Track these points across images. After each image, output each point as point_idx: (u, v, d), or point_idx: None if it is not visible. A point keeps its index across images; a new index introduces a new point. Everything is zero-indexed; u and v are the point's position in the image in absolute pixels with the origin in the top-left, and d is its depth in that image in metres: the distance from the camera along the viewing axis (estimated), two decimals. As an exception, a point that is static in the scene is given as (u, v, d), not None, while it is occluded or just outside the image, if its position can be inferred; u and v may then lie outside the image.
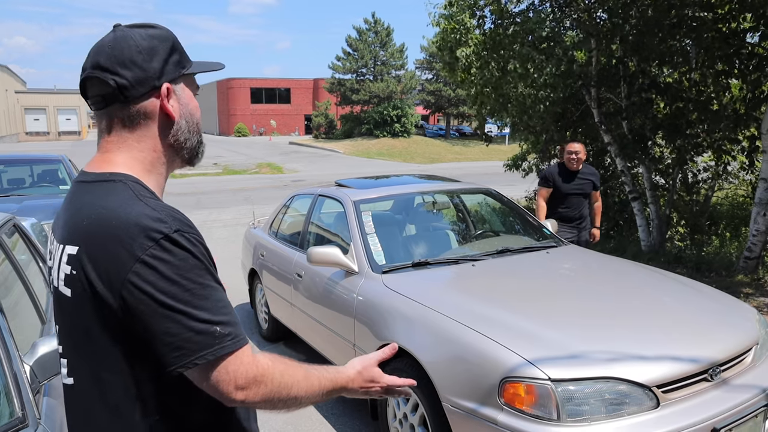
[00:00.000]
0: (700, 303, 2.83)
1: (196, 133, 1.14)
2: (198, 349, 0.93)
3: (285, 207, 4.80)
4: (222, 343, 0.95)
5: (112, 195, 0.99)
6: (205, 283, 0.96)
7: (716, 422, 2.11)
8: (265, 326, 4.84)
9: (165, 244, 0.93)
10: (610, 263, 3.48)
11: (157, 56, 1.04)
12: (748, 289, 5.81)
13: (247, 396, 0.97)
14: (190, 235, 0.97)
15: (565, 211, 4.98)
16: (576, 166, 4.91)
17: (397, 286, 2.94)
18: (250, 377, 0.97)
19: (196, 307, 0.94)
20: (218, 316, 0.96)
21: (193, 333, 0.93)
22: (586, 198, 5.04)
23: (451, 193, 4.31)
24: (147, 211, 0.96)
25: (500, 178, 11.93)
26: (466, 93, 9.83)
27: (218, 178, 20.32)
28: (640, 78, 7.31)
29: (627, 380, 2.09)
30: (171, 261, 0.93)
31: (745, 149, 7.19)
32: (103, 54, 1.02)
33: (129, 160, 1.06)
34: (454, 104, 41.07)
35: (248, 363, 0.98)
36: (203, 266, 0.97)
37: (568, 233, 4.92)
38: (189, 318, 0.93)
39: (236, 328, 0.98)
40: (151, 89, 1.04)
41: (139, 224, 0.94)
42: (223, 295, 1.00)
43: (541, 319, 2.49)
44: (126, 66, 1.01)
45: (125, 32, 1.04)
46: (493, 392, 2.15)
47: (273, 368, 1.01)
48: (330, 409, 3.56)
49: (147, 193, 1.02)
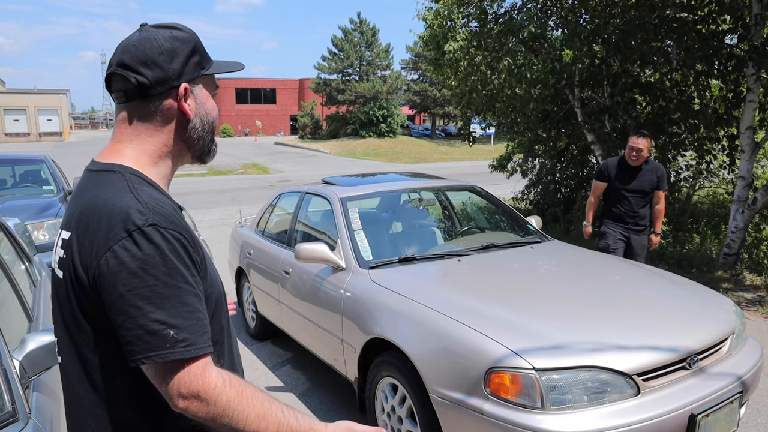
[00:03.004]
0: (678, 295, 2.91)
1: (209, 132, 1.19)
2: (147, 348, 0.93)
3: (272, 205, 4.82)
4: (173, 348, 0.93)
5: (107, 185, 1.04)
6: (171, 283, 0.95)
7: (694, 408, 2.17)
8: (252, 325, 4.85)
9: (136, 237, 0.95)
10: (593, 258, 3.55)
11: (177, 57, 1.09)
12: (727, 284, 5.94)
13: (188, 408, 0.95)
14: (167, 231, 0.98)
15: (617, 210, 4.51)
16: (637, 162, 4.40)
17: (384, 281, 2.97)
18: (193, 390, 0.95)
19: (153, 305, 0.93)
20: (176, 319, 0.95)
21: (144, 331, 0.93)
22: (645, 197, 4.45)
23: (436, 190, 4.35)
24: (131, 203, 0.99)
25: (485, 178, 12.01)
26: (452, 93, 9.89)
27: (203, 178, 20.20)
28: (623, 78, 7.42)
29: (609, 369, 2.15)
30: (137, 254, 0.94)
31: (725, 148, 7.34)
32: (128, 53, 1.07)
33: (137, 152, 1.11)
34: (440, 104, 41.23)
35: (196, 375, 0.96)
36: (174, 265, 0.96)
37: (615, 233, 4.50)
38: (143, 315, 0.93)
39: (195, 335, 0.96)
40: (170, 88, 1.09)
41: (119, 215, 0.97)
42: (191, 299, 0.97)
43: (526, 312, 2.54)
44: (148, 66, 1.06)
45: (150, 33, 1.09)
46: (479, 382, 2.20)
47: (222, 391, 0.98)
48: (318, 403, 3.59)
49: (143, 185, 1.05)
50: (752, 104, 6.24)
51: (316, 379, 3.95)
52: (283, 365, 4.24)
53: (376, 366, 2.79)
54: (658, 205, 4.52)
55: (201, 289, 1.02)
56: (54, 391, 2.14)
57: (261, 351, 4.53)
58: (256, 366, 4.22)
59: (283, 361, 4.33)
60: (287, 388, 3.83)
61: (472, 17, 7.91)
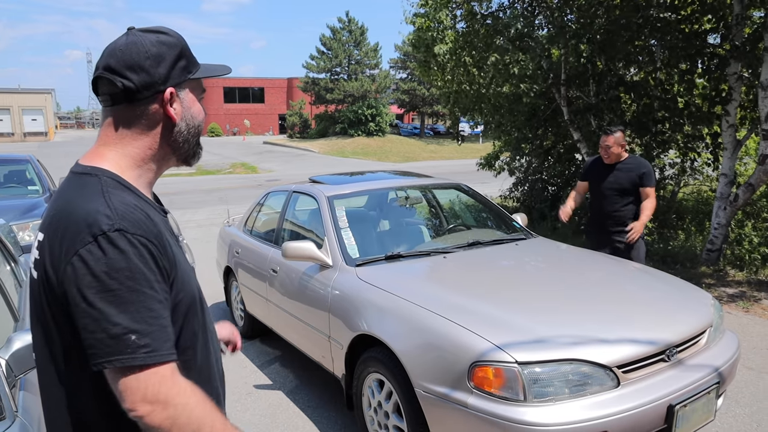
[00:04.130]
0: (658, 289, 2.97)
1: (195, 136, 1.20)
2: (109, 353, 0.93)
3: (259, 204, 4.83)
4: (135, 353, 0.94)
5: (82, 188, 1.05)
6: (135, 288, 0.95)
7: (672, 399, 2.23)
8: (241, 323, 4.86)
9: (101, 241, 0.95)
10: (576, 254, 3.60)
11: (164, 62, 1.10)
12: (710, 279, 6.04)
13: (150, 413, 0.95)
14: (133, 236, 0.98)
15: (598, 211, 4.33)
16: (610, 160, 4.25)
17: (370, 278, 3.00)
18: (161, 396, 0.95)
19: (116, 310, 0.94)
20: (138, 324, 0.95)
21: (106, 335, 0.93)
22: (625, 196, 4.21)
23: (423, 188, 4.39)
24: (101, 208, 0.99)
25: (474, 177, 12.09)
26: (440, 92, 9.94)
27: (191, 178, 20.11)
28: (608, 77, 7.50)
29: (589, 362, 2.20)
30: (101, 259, 0.95)
31: (708, 146, 7.45)
32: (115, 57, 1.08)
33: (119, 155, 1.12)
34: (429, 103, 41.31)
35: (162, 379, 0.96)
36: (139, 270, 0.96)
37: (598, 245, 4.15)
38: (105, 319, 0.93)
39: (158, 341, 0.96)
40: (156, 93, 1.10)
41: (87, 219, 0.98)
42: (155, 305, 0.98)
43: (509, 307, 2.58)
44: (134, 70, 1.07)
45: (137, 37, 1.10)
46: (464, 376, 2.24)
47: (188, 395, 0.99)
48: (307, 401, 3.61)
49: (119, 189, 1.06)
50: (734, 102, 6.35)
51: (304, 377, 3.98)
52: (272, 363, 4.26)
53: (362, 362, 2.82)
54: (646, 200, 4.20)
55: (167, 296, 1.02)
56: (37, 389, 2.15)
57: (249, 349, 4.54)
58: (244, 365, 4.24)
59: (272, 359, 4.35)
60: (275, 386, 3.85)
61: (460, 18, 7.97)
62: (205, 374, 1.18)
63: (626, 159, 4.28)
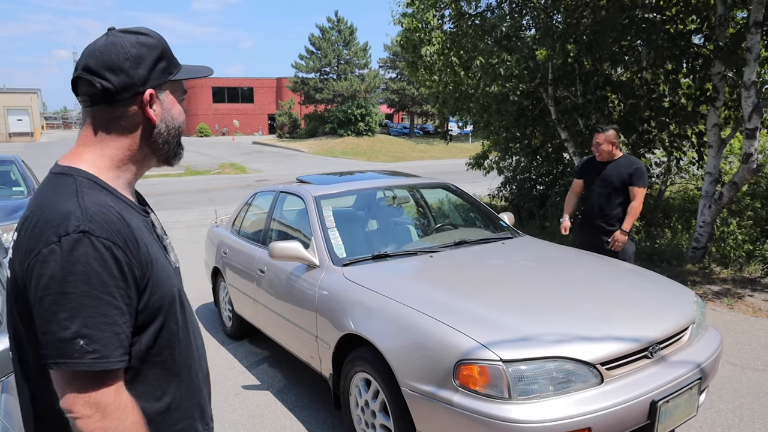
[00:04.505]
0: (642, 286, 3.01)
1: (175, 137, 1.20)
2: (57, 354, 0.94)
3: (247, 204, 4.82)
4: (81, 358, 0.94)
5: (57, 188, 1.05)
6: (90, 293, 0.95)
7: (655, 395, 2.26)
8: (229, 324, 4.85)
9: (63, 242, 0.95)
10: (560, 252, 3.63)
11: (143, 64, 1.10)
12: (696, 277, 6.10)
13: (86, 417, 0.95)
14: (98, 239, 0.97)
15: (589, 209, 4.36)
16: (602, 157, 4.28)
17: (357, 277, 3.01)
18: (101, 404, 0.96)
19: (67, 313, 0.94)
20: (88, 329, 0.94)
21: (55, 337, 0.94)
22: (615, 194, 4.21)
23: (410, 187, 4.40)
24: (72, 208, 0.99)
25: (463, 176, 12.12)
26: (428, 92, 9.97)
27: (180, 179, 19.99)
28: (595, 77, 7.56)
29: (573, 359, 2.22)
30: (59, 261, 0.95)
31: (694, 145, 7.53)
32: (94, 57, 1.08)
33: (98, 156, 1.12)
34: (418, 103, 41.36)
35: (106, 388, 0.96)
36: (97, 275, 0.96)
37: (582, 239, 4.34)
38: (56, 321, 0.94)
39: (107, 348, 0.96)
40: (135, 94, 1.10)
41: (55, 219, 0.98)
42: (111, 311, 0.97)
43: (495, 305, 2.60)
44: (113, 71, 1.07)
45: (117, 38, 1.10)
46: (449, 375, 2.25)
47: (127, 412, 0.99)
48: (295, 401, 3.61)
49: (94, 190, 1.06)
50: (718, 102, 6.42)
51: (292, 377, 3.97)
52: (260, 364, 4.25)
53: (349, 362, 2.83)
54: (633, 202, 4.18)
55: (129, 302, 1.01)
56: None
57: (237, 350, 4.53)
58: (232, 365, 4.23)
59: (260, 359, 4.34)
60: (264, 387, 3.85)
61: (448, 18, 8.00)
62: (186, 374, 1.18)
63: (619, 158, 4.29)
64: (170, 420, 1.14)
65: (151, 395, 1.10)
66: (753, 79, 5.72)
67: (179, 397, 1.16)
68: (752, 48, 5.65)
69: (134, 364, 1.06)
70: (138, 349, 1.06)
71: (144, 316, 1.06)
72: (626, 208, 4.22)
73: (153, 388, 1.11)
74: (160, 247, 1.19)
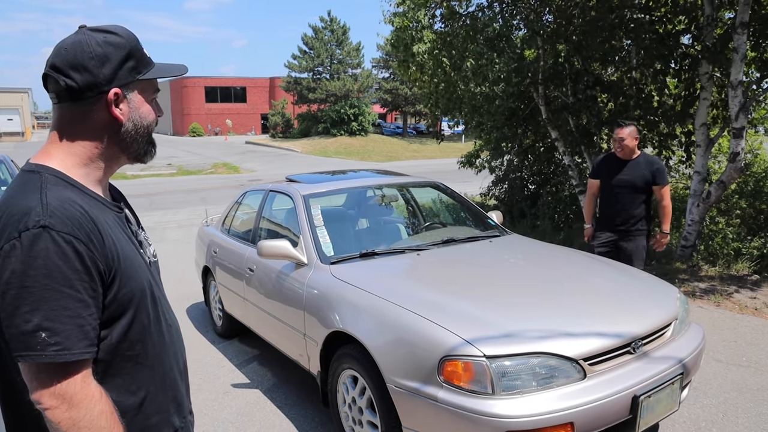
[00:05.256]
0: (625, 283, 3.04)
1: (144, 136, 1.20)
2: (21, 348, 0.96)
3: (237, 204, 4.82)
4: (44, 350, 0.95)
5: (23, 185, 1.07)
6: (51, 286, 0.96)
7: (637, 390, 2.29)
8: (219, 323, 4.85)
9: (23, 237, 0.97)
10: (546, 250, 3.66)
11: (108, 63, 1.11)
12: (684, 275, 6.16)
13: (54, 408, 0.97)
14: (59, 234, 0.98)
15: (608, 210, 4.27)
16: (625, 154, 4.16)
17: (344, 275, 3.03)
18: (67, 395, 0.98)
19: (28, 307, 0.95)
20: (50, 322, 0.96)
21: (18, 331, 0.96)
22: (636, 193, 4.15)
23: (399, 186, 4.42)
24: (33, 204, 1.00)
25: (456, 175, 12.17)
26: (420, 92, 10.00)
27: (172, 178, 19.93)
28: (585, 76, 7.61)
29: (557, 355, 2.25)
30: (20, 255, 0.96)
31: (682, 144, 7.60)
32: (60, 56, 1.10)
33: (65, 153, 1.13)
34: (411, 102, 41.40)
35: (71, 379, 0.98)
36: (58, 268, 0.97)
37: (601, 239, 4.29)
38: (19, 315, 0.96)
39: (70, 340, 0.97)
40: (100, 93, 1.11)
41: (16, 215, 1.00)
42: (73, 304, 0.98)
43: (480, 302, 2.62)
44: (77, 70, 1.08)
45: (84, 36, 1.11)
46: (434, 371, 2.27)
47: (95, 402, 1.00)
48: (284, 399, 3.62)
49: (60, 186, 1.07)
50: (706, 102, 6.48)
51: (281, 375, 3.99)
52: (250, 362, 4.26)
53: (337, 359, 2.85)
54: (662, 202, 4.16)
55: (93, 294, 1.02)
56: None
57: (228, 349, 4.54)
58: (222, 364, 4.23)
59: (250, 358, 4.35)
60: (253, 385, 3.86)
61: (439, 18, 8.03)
62: (159, 368, 1.19)
63: (638, 156, 4.22)
64: (145, 413, 1.16)
65: (126, 389, 1.12)
66: (740, 79, 5.78)
67: (154, 390, 1.17)
68: (739, 48, 5.71)
69: (106, 357, 1.07)
70: (109, 342, 1.08)
71: (113, 309, 1.07)
72: (648, 207, 4.21)
73: (127, 382, 1.12)
74: (134, 242, 1.20)
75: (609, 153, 4.40)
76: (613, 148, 4.30)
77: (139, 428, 1.14)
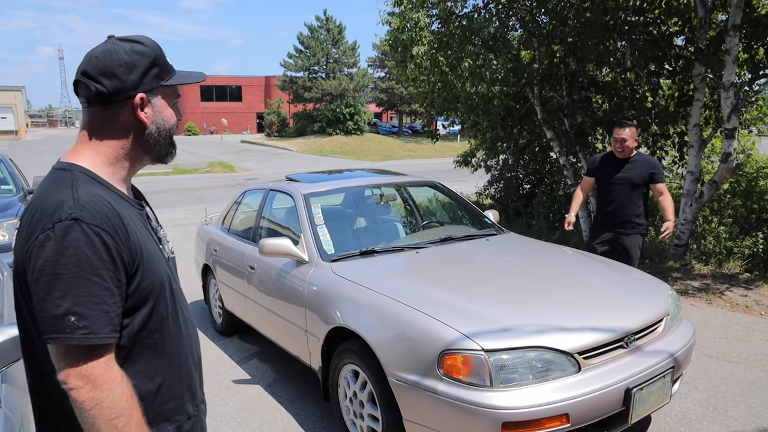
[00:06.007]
0: (619, 281, 3.13)
1: (166, 138, 1.30)
2: (51, 330, 1.03)
3: (237, 203, 4.88)
4: (73, 333, 1.03)
5: (56, 181, 1.16)
6: (81, 274, 1.04)
7: (629, 383, 2.37)
8: (219, 321, 4.91)
9: (57, 228, 1.05)
10: (542, 248, 3.74)
11: (135, 70, 1.20)
12: (677, 273, 6.26)
13: (78, 388, 1.04)
14: (89, 226, 1.06)
15: (603, 206, 4.38)
16: (624, 154, 4.28)
17: (345, 273, 3.10)
18: (92, 376, 1.04)
19: (60, 292, 1.03)
20: (79, 307, 1.03)
21: (49, 315, 1.03)
22: (634, 191, 4.24)
23: (398, 186, 4.49)
24: (65, 198, 1.09)
25: (451, 175, 12.24)
26: (416, 91, 10.06)
27: (168, 177, 19.93)
28: (580, 77, 7.70)
29: (552, 349, 2.32)
30: (53, 245, 1.04)
31: (675, 144, 7.70)
32: (91, 63, 1.19)
33: (94, 153, 1.22)
34: (407, 102, 41.48)
35: (96, 361, 1.05)
36: (87, 258, 1.05)
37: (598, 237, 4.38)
38: (50, 300, 1.03)
39: (96, 325, 1.04)
40: (127, 98, 1.20)
41: (50, 208, 1.08)
42: (100, 291, 1.06)
43: (478, 299, 2.70)
44: (107, 76, 1.18)
45: (113, 45, 1.20)
46: (433, 365, 2.34)
47: (116, 384, 1.07)
48: (285, 394, 3.69)
49: (89, 183, 1.16)
50: (699, 103, 6.58)
51: (282, 371, 4.05)
52: (250, 359, 4.32)
53: (338, 354, 2.92)
54: (662, 196, 4.28)
55: (118, 284, 1.09)
56: (20, 382, 2.20)
57: (228, 346, 4.60)
58: (223, 361, 4.29)
59: (250, 354, 4.41)
60: (254, 381, 3.92)
61: (436, 18, 8.09)
62: (175, 358, 1.27)
63: (635, 156, 4.32)
64: (161, 399, 1.23)
65: (144, 375, 1.19)
66: (732, 80, 5.87)
67: (170, 378, 1.25)
68: (731, 50, 5.81)
69: (127, 344, 1.15)
70: (130, 330, 1.16)
71: (135, 299, 1.15)
72: (645, 206, 4.32)
73: (145, 368, 1.20)
74: (154, 239, 1.28)
75: (607, 152, 4.49)
76: (611, 148, 4.39)
77: (155, 413, 1.21)
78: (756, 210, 7.26)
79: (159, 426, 1.21)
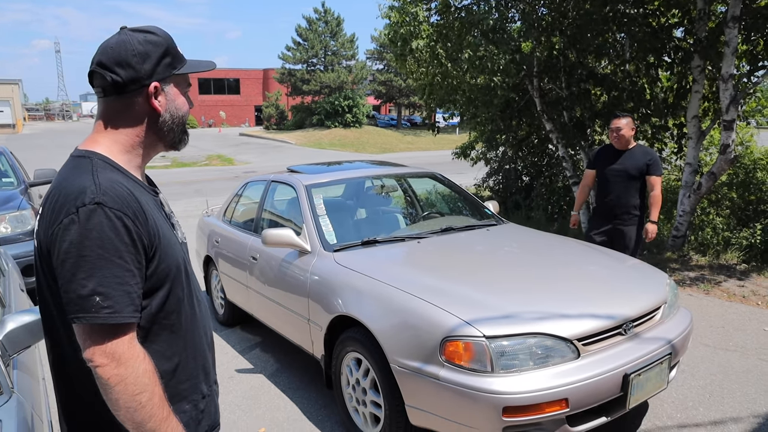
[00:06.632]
0: (618, 269, 3.17)
1: (179, 125, 1.34)
2: (77, 310, 1.07)
3: (238, 195, 4.91)
4: (98, 312, 1.07)
5: (76, 168, 1.20)
6: (104, 255, 1.08)
7: (627, 369, 2.41)
8: (221, 311, 4.95)
9: (81, 212, 1.09)
10: (542, 238, 3.79)
11: (149, 59, 1.23)
12: (675, 264, 6.31)
13: (103, 366, 1.07)
14: (111, 210, 1.10)
15: (602, 197, 4.41)
16: (621, 144, 4.29)
17: (347, 262, 3.13)
18: (116, 353, 1.08)
19: (85, 273, 1.07)
20: (104, 287, 1.07)
21: (75, 295, 1.07)
22: (631, 182, 4.26)
23: (399, 177, 4.52)
24: (87, 183, 1.13)
25: (450, 167, 12.26)
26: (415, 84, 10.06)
27: (167, 170, 19.93)
28: (579, 69, 7.71)
29: (552, 335, 2.37)
30: (78, 228, 1.08)
31: (674, 136, 7.73)
32: (106, 54, 1.22)
33: (111, 141, 1.26)
34: (405, 94, 41.43)
35: (120, 339, 1.09)
36: (110, 240, 1.09)
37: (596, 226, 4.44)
38: (76, 280, 1.07)
39: (120, 304, 1.08)
40: (141, 86, 1.24)
41: (73, 193, 1.12)
42: (122, 273, 1.10)
43: (479, 287, 2.74)
44: (122, 66, 1.21)
45: (127, 36, 1.24)
46: (435, 351, 2.39)
47: (139, 361, 1.11)
48: (287, 383, 3.73)
49: (108, 169, 1.20)
50: (697, 94, 6.60)
51: (284, 361, 4.10)
52: (252, 349, 4.37)
53: (341, 342, 2.96)
54: (653, 191, 4.26)
55: (138, 266, 1.13)
56: (31, 369, 2.24)
57: (230, 336, 4.64)
58: (225, 351, 4.34)
59: (253, 344, 4.45)
60: (257, 370, 3.97)
61: (435, 10, 8.09)
62: (191, 339, 1.31)
63: (634, 147, 4.34)
64: (178, 379, 1.28)
65: (162, 355, 1.23)
66: (731, 72, 5.90)
67: (185, 358, 1.30)
68: (730, 42, 5.83)
69: (146, 324, 1.20)
70: (149, 311, 1.20)
71: (153, 281, 1.19)
72: (642, 196, 4.32)
73: (163, 348, 1.24)
74: (168, 224, 1.33)
75: (606, 144, 4.54)
76: (609, 139, 4.43)
77: (172, 392, 1.25)
78: (753, 201, 7.31)
79: (176, 405, 1.25)
